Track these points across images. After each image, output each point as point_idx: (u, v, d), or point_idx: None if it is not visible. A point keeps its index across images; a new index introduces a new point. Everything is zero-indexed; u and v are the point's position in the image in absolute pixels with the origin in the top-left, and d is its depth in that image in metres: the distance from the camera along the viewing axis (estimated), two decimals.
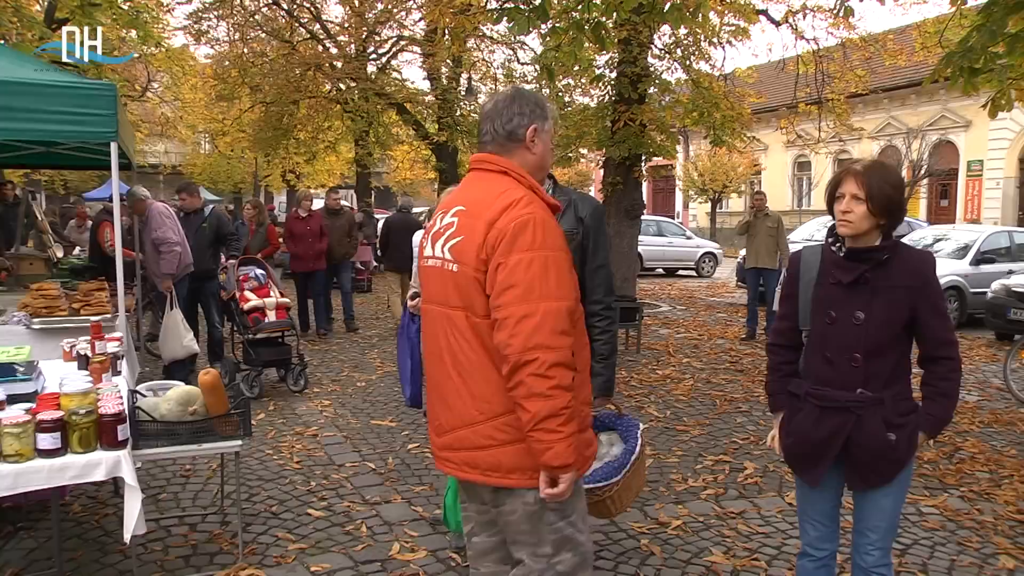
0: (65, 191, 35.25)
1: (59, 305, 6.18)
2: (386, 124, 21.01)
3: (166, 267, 7.89)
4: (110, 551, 4.39)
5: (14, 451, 3.25)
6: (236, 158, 32.70)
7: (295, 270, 11.50)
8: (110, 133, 5.56)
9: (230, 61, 20.63)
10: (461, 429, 2.48)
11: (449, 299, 2.47)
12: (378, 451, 6.21)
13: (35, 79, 5.42)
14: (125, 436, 3.50)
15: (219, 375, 4.05)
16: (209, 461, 5.76)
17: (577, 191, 3.72)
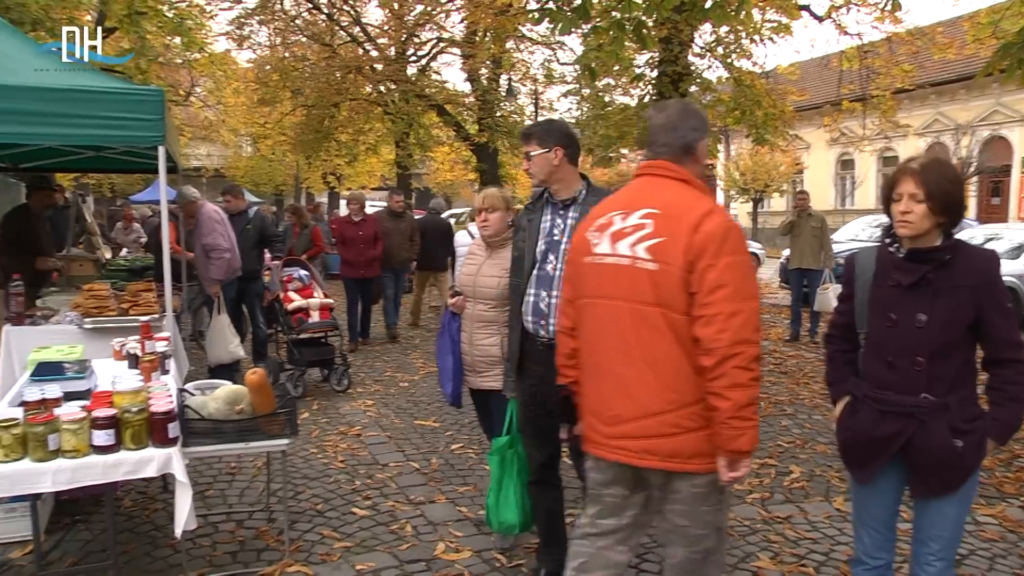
0: (112, 194, 35.87)
1: (109, 305, 6.30)
2: (426, 125, 21.12)
3: (215, 272, 7.98)
4: (160, 545, 4.50)
5: (71, 447, 3.35)
6: (277, 160, 33.04)
7: (346, 276, 10.84)
8: (157, 137, 5.67)
9: (271, 65, 20.88)
10: (645, 419, 2.68)
11: (640, 295, 2.66)
12: (422, 451, 6.26)
13: (86, 86, 5.55)
14: (175, 434, 3.58)
15: (266, 374, 4.11)
16: (255, 459, 5.85)
17: (608, 189, 3.71)
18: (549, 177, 3.69)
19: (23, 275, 6.40)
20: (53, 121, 5.37)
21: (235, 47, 21.71)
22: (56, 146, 7.76)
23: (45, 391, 3.63)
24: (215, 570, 4.19)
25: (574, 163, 3.71)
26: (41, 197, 8.09)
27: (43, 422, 3.35)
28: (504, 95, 19.96)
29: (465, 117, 20.36)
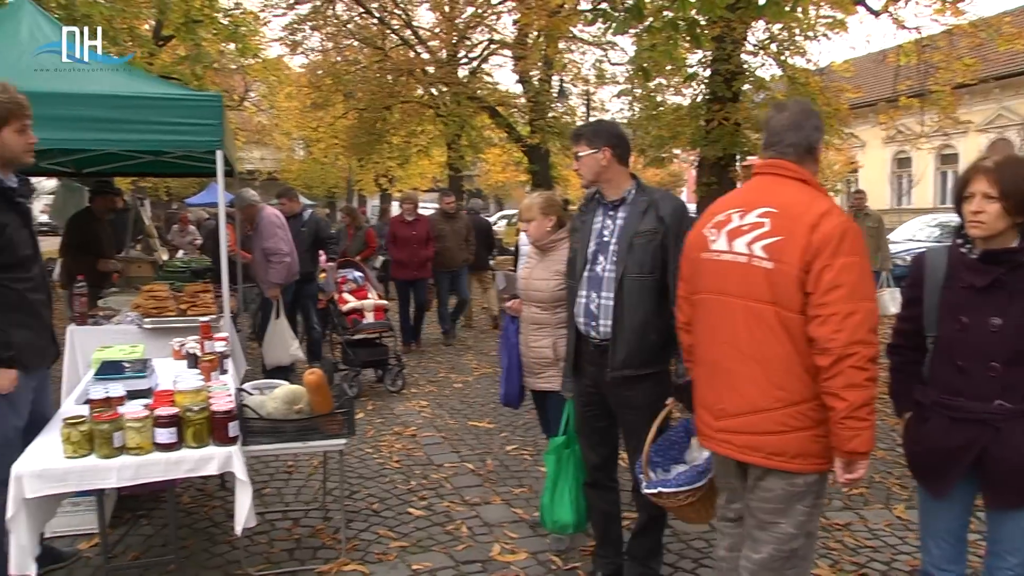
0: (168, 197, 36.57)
1: (168, 306, 6.41)
2: (478, 127, 21.19)
3: (275, 276, 8.05)
4: (218, 541, 4.57)
5: (135, 444, 3.42)
6: (330, 163, 33.39)
7: (397, 277, 10.79)
8: (216, 142, 5.77)
9: (324, 69, 21.14)
10: (750, 415, 2.74)
11: (754, 293, 2.72)
12: (476, 452, 6.27)
13: (147, 92, 5.68)
14: (236, 432, 3.62)
15: (324, 375, 4.14)
16: (311, 458, 5.91)
17: (660, 190, 3.69)
18: (598, 177, 3.68)
19: (86, 276, 6.54)
20: (118, 127, 5.54)
21: (288, 52, 22.03)
22: (117, 151, 7.95)
23: (109, 389, 3.72)
24: (273, 567, 4.25)
25: (623, 163, 3.69)
26: (104, 201, 8.29)
27: (108, 420, 3.42)
28: (556, 96, 19.94)
29: (517, 119, 20.40)
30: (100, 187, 8.49)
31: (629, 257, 3.51)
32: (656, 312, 3.50)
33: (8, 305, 3.55)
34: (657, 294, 3.50)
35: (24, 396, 3.68)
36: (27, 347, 3.63)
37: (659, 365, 3.56)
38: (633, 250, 3.51)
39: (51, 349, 3.91)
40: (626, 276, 3.52)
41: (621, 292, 3.53)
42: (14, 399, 3.60)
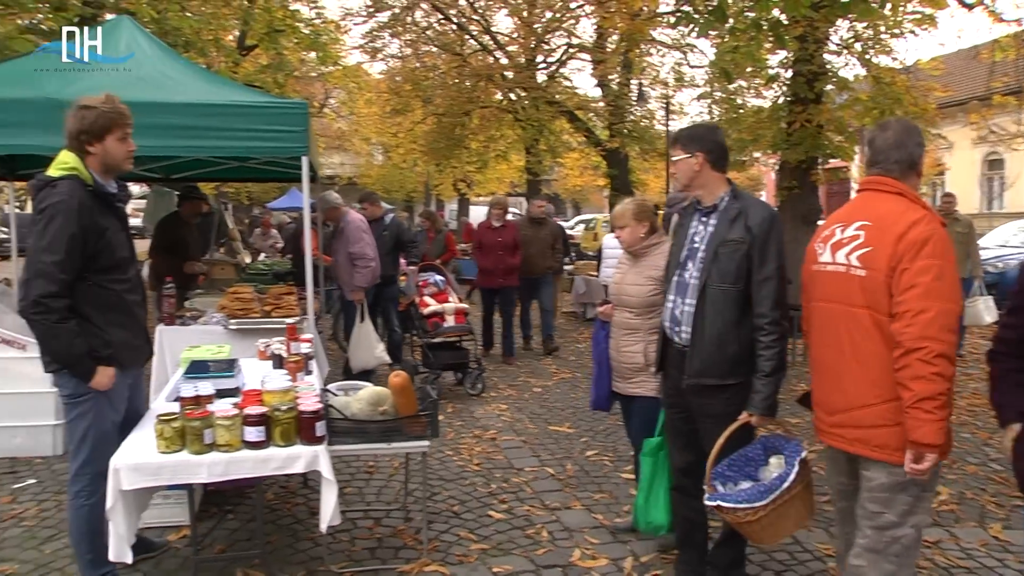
0: (249, 201, 37.44)
1: (253, 307, 6.57)
2: (557, 132, 21.24)
3: (360, 280, 8.16)
4: (301, 537, 4.66)
5: (225, 441, 3.51)
6: (408, 168, 33.81)
7: (482, 285, 10.34)
8: (302, 148, 5.89)
9: (403, 75, 21.41)
10: (856, 410, 3.01)
11: (853, 299, 3.00)
12: (556, 457, 6.26)
13: (235, 100, 5.84)
14: (323, 432, 3.69)
15: (409, 377, 4.18)
16: (391, 459, 5.98)
17: (753, 199, 3.65)
18: (691, 183, 3.68)
19: (173, 278, 6.72)
20: (207, 134, 5.73)
21: (368, 59, 22.37)
22: (204, 157, 8.18)
23: (199, 388, 3.84)
24: (355, 565, 4.31)
25: (718, 170, 3.66)
26: (191, 206, 8.54)
27: (199, 417, 3.52)
28: (635, 100, 19.84)
29: (595, 123, 20.35)
30: (187, 192, 8.75)
31: (714, 265, 3.53)
32: (736, 323, 3.50)
33: (107, 305, 3.70)
34: (739, 305, 3.50)
35: (121, 393, 3.84)
36: (124, 346, 3.77)
37: (739, 377, 3.54)
38: (718, 259, 3.52)
39: (146, 348, 4.06)
40: (709, 284, 3.54)
41: (703, 300, 3.56)
42: (112, 395, 3.75)
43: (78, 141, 3.67)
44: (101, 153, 3.70)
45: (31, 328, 3.58)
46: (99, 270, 3.65)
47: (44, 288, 3.47)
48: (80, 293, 3.60)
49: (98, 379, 3.65)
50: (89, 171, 3.66)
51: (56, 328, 3.52)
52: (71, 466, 3.78)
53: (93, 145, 3.68)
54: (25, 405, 6.07)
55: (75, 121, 3.67)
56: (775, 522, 3.25)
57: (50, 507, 5.15)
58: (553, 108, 19.01)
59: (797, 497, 3.28)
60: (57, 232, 3.48)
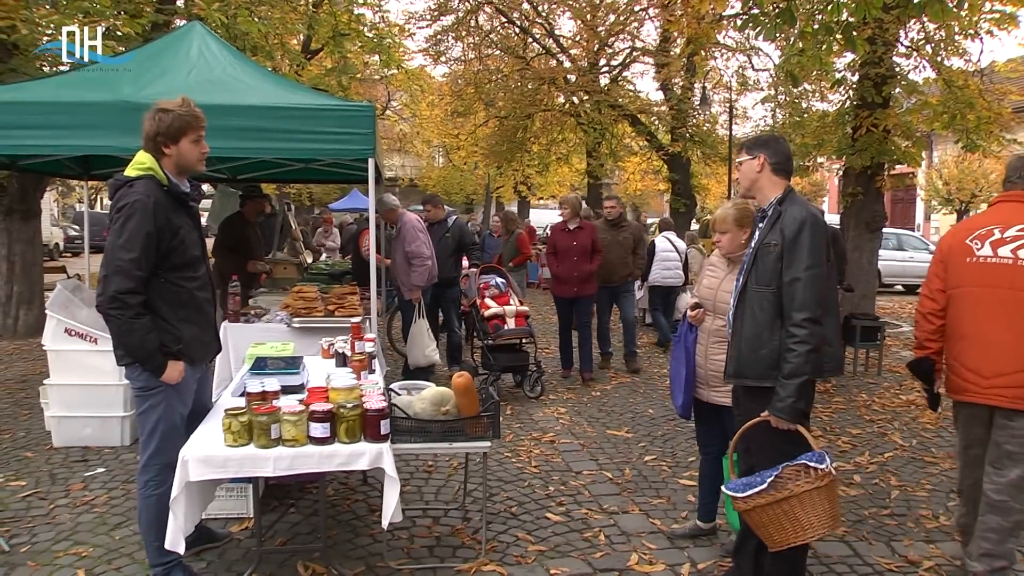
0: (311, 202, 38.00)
1: (316, 306, 6.69)
2: (618, 135, 21.18)
3: (417, 279, 8.31)
4: (360, 533, 4.75)
5: (291, 436, 3.60)
6: (469, 170, 34.01)
7: (556, 294, 9.34)
8: (368, 150, 5.99)
9: (465, 79, 21.57)
10: (1016, 373, 3.71)
11: (1019, 285, 3.73)
12: (615, 461, 6.27)
13: (302, 104, 5.95)
14: (387, 431, 3.76)
15: (472, 378, 4.24)
16: (450, 459, 6.06)
17: (795, 201, 3.61)
18: (751, 185, 3.75)
19: (238, 277, 6.86)
20: (278, 136, 5.84)
21: (430, 63, 22.56)
22: (270, 159, 8.36)
23: (265, 384, 3.92)
24: (413, 562, 4.37)
25: (779, 175, 3.69)
26: (254, 205, 8.72)
27: (267, 412, 3.61)
28: (698, 104, 19.72)
29: (657, 126, 20.27)
30: (249, 192, 8.93)
31: (753, 268, 3.60)
32: (770, 325, 3.54)
33: (178, 302, 3.82)
34: (774, 307, 3.53)
35: (189, 387, 3.96)
36: (194, 341, 3.90)
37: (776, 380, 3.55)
38: (757, 262, 3.59)
39: (214, 345, 4.18)
40: (748, 286, 3.63)
41: (742, 302, 3.66)
42: (181, 389, 3.88)
43: (154, 143, 3.80)
44: (176, 154, 3.82)
45: (107, 323, 3.70)
46: (172, 268, 3.77)
47: (121, 284, 3.59)
48: (153, 290, 3.72)
49: (169, 373, 3.77)
50: (164, 172, 3.79)
51: (131, 323, 3.63)
52: (140, 456, 3.90)
53: (169, 147, 3.80)
54: (96, 396, 6.27)
55: (152, 124, 3.79)
56: (779, 520, 3.35)
57: (119, 495, 5.33)
58: (615, 112, 19.00)
59: (808, 500, 3.31)
60: (134, 230, 3.61)
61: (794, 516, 3.33)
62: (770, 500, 3.35)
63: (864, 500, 5.48)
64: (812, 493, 3.31)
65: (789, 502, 3.32)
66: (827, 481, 3.31)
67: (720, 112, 21.96)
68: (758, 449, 3.63)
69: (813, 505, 3.32)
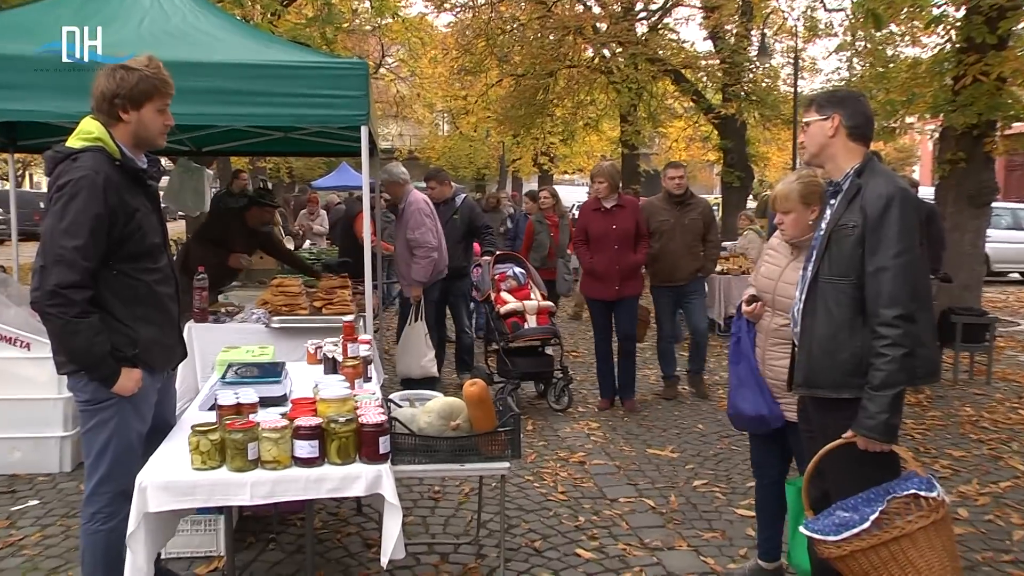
0: (290, 179, 38.12)
1: (300, 303, 6.72)
2: (658, 95, 21.08)
3: (418, 273, 8.32)
4: (354, 574, 4.76)
5: (272, 457, 3.60)
6: (479, 140, 33.99)
7: (590, 296, 8.62)
8: (361, 116, 6.00)
9: (475, 29, 21.48)
10: None
11: None
12: (657, 486, 6.28)
13: (283, 60, 5.97)
14: (387, 449, 3.77)
15: (487, 387, 4.25)
16: (461, 483, 6.08)
17: (880, 172, 3.56)
18: (821, 151, 3.67)
19: (207, 268, 6.85)
20: (251, 100, 5.86)
21: (433, 10, 22.53)
22: (243, 127, 8.37)
23: (239, 395, 3.92)
24: None
25: (857, 140, 3.62)
26: (260, 215, 8.58)
27: (242, 428, 3.61)
28: (755, 55, 19.60)
29: (706, 84, 20.16)
30: (258, 197, 8.76)
31: (826, 255, 3.54)
32: (849, 324, 3.47)
33: (134, 298, 3.81)
34: (854, 302, 3.47)
35: (148, 399, 3.94)
36: (153, 345, 3.88)
37: (859, 391, 3.45)
38: (830, 247, 3.53)
39: (179, 349, 4.18)
40: (820, 277, 3.56)
41: (812, 296, 3.59)
42: (138, 402, 3.85)
43: (110, 105, 3.75)
44: (135, 123, 3.79)
45: (45, 323, 3.67)
46: (127, 257, 3.75)
47: (63, 277, 3.55)
48: (104, 283, 3.70)
49: (122, 382, 3.74)
50: (116, 143, 3.75)
51: (75, 323, 3.59)
52: (87, 484, 3.85)
53: (127, 112, 3.77)
54: (27, 413, 6.24)
55: (111, 82, 3.74)
56: (887, 567, 3.17)
57: (56, 533, 5.30)
58: (655, 67, 18.89)
59: (923, 539, 3.16)
60: (79, 212, 3.57)
61: (907, 561, 3.16)
62: (875, 542, 3.16)
63: (974, 540, 5.35)
64: (928, 530, 3.16)
65: (900, 543, 3.15)
66: (942, 513, 3.19)
67: (783, 64, 21.86)
68: (835, 474, 3.57)
69: (931, 545, 3.17)
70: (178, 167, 10.56)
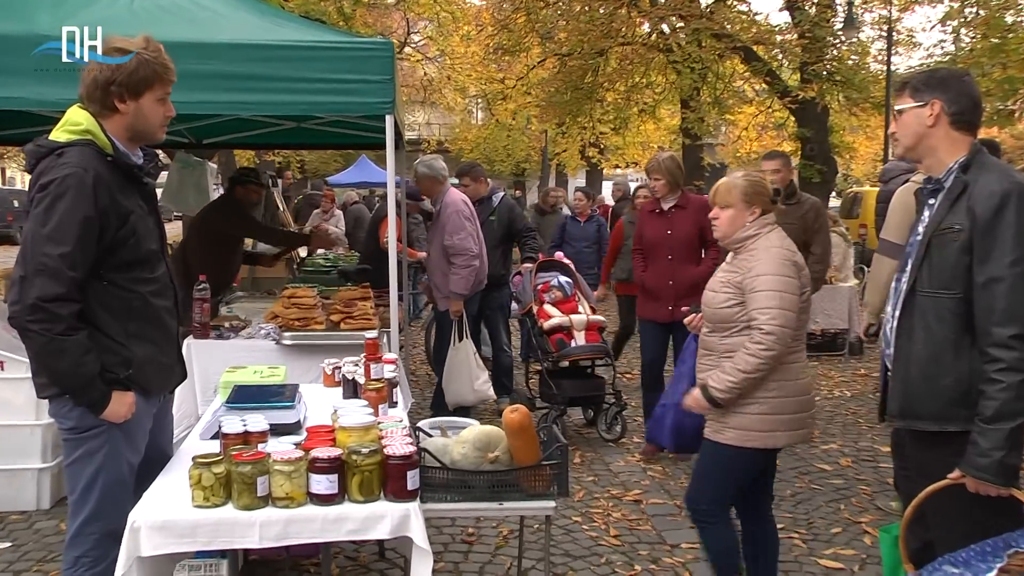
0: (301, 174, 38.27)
1: (315, 317, 6.75)
2: (726, 77, 20.94)
3: (458, 284, 8.28)
4: None
5: (284, 493, 3.60)
6: (518, 129, 33.99)
7: (641, 315, 8.24)
8: (386, 105, 6.02)
9: (514, 2, 21.48)
10: None
11: None
12: None
13: (299, 40, 5.98)
14: (415, 485, 3.76)
15: (529, 413, 4.25)
16: (499, 524, 6.07)
17: (993, 167, 3.50)
18: (917, 144, 3.62)
19: (209, 277, 6.87)
20: (259, 86, 5.89)
21: None
22: (249, 116, 8.41)
23: (247, 422, 3.94)
24: None
25: (962, 129, 3.56)
26: (245, 193, 8.70)
27: (251, 460, 3.61)
28: (841, 28, 19.42)
29: (782, 62, 19.99)
30: (243, 176, 8.86)
31: (924, 264, 3.48)
32: (954, 344, 3.40)
33: (128, 312, 3.81)
34: (960, 319, 3.39)
35: (142, 426, 3.95)
36: (149, 364, 3.90)
37: (966, 423, 3.37)
38: (930, 254, 3.47)
39: (177, 369, 4.20)
40: (917, 290, 3.50)
41: (908, 311, 3.54)
42: (131, 430, 3.86)
43: (105, 93, 3.74)
44: (133, 114, 3.79)
45: (25, 340, 3.66)
46: (119, 266, 3.75)
47: (47, 289, 3.53)
48: (93, 296, 3.69)
49: (113, 408, 3.73)
50: (108, 136, 3.75)
51: (61, 341, 3.58)
52: (70, 524, 3.84)
53: (125, 102, 3.76)
54: (0, 442, 6.26)
55: (104, 68, 3.73)
56: None
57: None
58: (721, 44, 18.70)
59: None
60: (65, 215, 3.56)
61: None
62: None
63: None
64: None
65: None
66: None
67: (873, 38, 21.64)
68: (941, 522, 3.50)
69: None
70: (176, 162, 10.65)
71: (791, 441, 4.55)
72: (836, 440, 8.50)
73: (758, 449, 4.36)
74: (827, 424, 9.16)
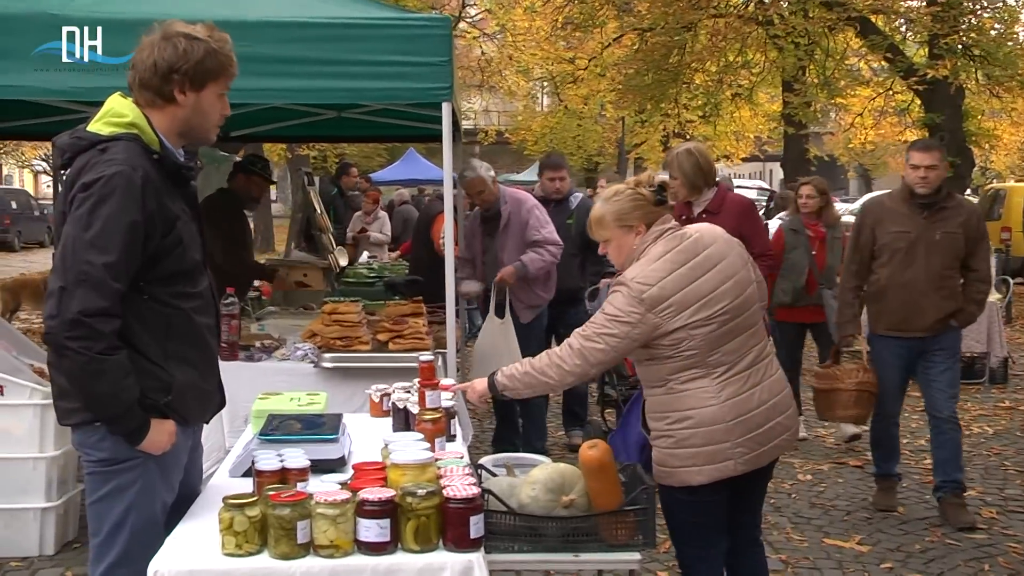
0: None
1: (360, 335, 6.77)
2: (837, 53, 20.74)
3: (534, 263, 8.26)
4: None
5: (328, 541, 3.61)
6: (590, 117, 33.92)
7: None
8: (443, 91, 6.03)
9: None
10: None
11: None
12: None
13: (336, 17, 6.03)
14: (479, 533, 3.77)
15: (609, 449, 4.26)
16: None
17: None
18: None
19: (237, 290, 6.93)
20: (295, 71, 5.98)
21: None
22: (285, 105, 8.49)
23: (285, 458, 3.96)
24: None
25: None
26: (248, 183, 8.83)
27: (291, 502, 3.63)
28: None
29: (906, 36, 19.76)
30: (248, 163, 8.97)
31: None
32: None
33: (167, 331, 3.81)
34: None
35: (179, 460, 4.00)
36: (190, 391, 3.92)
37: None
38: None
39: (216, 396, 4.23)
40: None
41: None
42: (167, 463, 3.89)
43: (165, 81, 3.74)
44: (191, 108, 3.81)
45: (61, 359, 3.66)
46: (162, 279, 3.76)
47: (89, 302, 3.52)
48: (131, 311, 3.68)
49: (153, 437, 3.74)
50: (155, 132, 3.76)
51: (101, 361, 3.56)
52: (92, 570, 3.86)
53: (186, 94, 3.77)
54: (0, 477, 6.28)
55: (171, 52, 3.71)
56: None
57: None
58: (832, 14, 18.48)
59: None
60: (111, 220, 3.54)
61: None
62: None
63: None
64: None
65: None
66: None
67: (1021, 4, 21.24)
68: None
69: None
70: (201, 156, 10.78)
71: (724, 474, 4.37)
72: (976, 486, 8.35)
73: (691, 486, 4.35)
74: (965, 467, 8.46)
